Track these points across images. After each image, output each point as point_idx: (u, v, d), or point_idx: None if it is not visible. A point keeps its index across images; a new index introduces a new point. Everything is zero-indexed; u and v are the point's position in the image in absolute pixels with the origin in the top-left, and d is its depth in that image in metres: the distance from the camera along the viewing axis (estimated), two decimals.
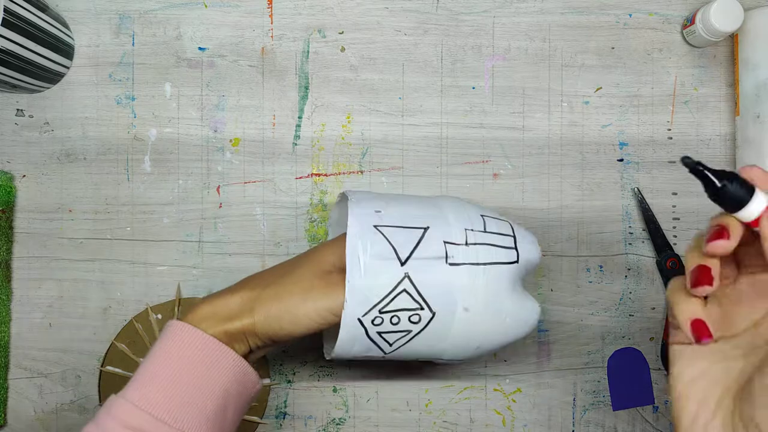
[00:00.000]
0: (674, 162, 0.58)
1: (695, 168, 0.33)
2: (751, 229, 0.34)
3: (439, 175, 0.58)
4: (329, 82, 0.58)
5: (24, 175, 0.57)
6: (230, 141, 0.58)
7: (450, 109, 0.58)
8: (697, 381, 0.36)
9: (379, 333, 0.43)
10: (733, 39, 0.58)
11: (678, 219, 0.58)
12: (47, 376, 0.57)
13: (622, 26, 0.58)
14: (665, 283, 0.58)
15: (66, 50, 0.56)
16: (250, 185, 0.58)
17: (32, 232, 0.57)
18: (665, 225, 0.58)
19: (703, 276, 0.34)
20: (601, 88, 0.58)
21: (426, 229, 0.44)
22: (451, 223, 0.45)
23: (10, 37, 0.48)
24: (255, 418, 0.56)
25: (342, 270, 0.43)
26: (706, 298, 0.36)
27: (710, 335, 0.34)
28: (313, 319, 0.42)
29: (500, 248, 0.45)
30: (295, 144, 0.58)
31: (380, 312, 0.42)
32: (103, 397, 0.56)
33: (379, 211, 0.45)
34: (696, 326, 0.34)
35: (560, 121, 0.58)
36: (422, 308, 0.42)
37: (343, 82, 0.58)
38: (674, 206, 0.58)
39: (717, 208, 0.34)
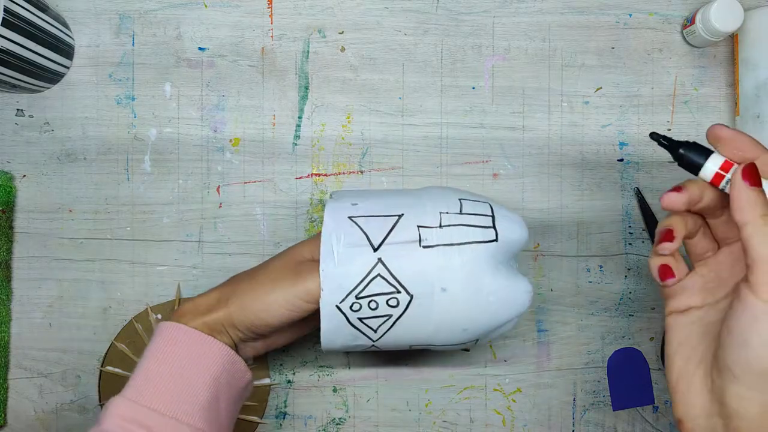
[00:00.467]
0: (674, 162, 0.58)
1: (660, 141, 0.41)
2: (720, 197, 0.39)
3: (439, 175, 0.58)
4: (329, 82, 0.58)
5: (24, 175, 0.57)
6: (230, 141, 0.58)
7: (450, 109, 0.58)
8: (684, 343, 0.40)
9: (361, 319, 0.43)
10: (733, 39, 0.58)
11: None
12: (47, 376, 0.57)
13: (622, 26, 0.58)
14: None
15: (66, 50, 0.56)
16: (250, 185, 0.58)
17: (32, 232, 0.57)
18: None
19: (665, 237, 0.40)
20: (601, 88, 0.58)
21: (400, 216, 0.45)
22: (426, 209, 0.45)
23: (10, 37, 0.48)
24: (255, 418, 0.56)
25: (315, 261, 0.45)
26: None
27: (673, 275, 0.40)
28: (284, 306, 0.44)
29: (476, 228, 0.45)
30: (295, 144, 0.58)
31: (357, 298, 0.43)
32: (103, 397, 0.56)
33: (356, 204, 0.46)
34: (661, 269, 0.41)
35: (560, 121, 0.58)
36: (399, 291, 0.43)
37: (343, 82, 0.58)
38: None
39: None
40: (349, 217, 0.45)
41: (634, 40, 0.58)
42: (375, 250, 0.43)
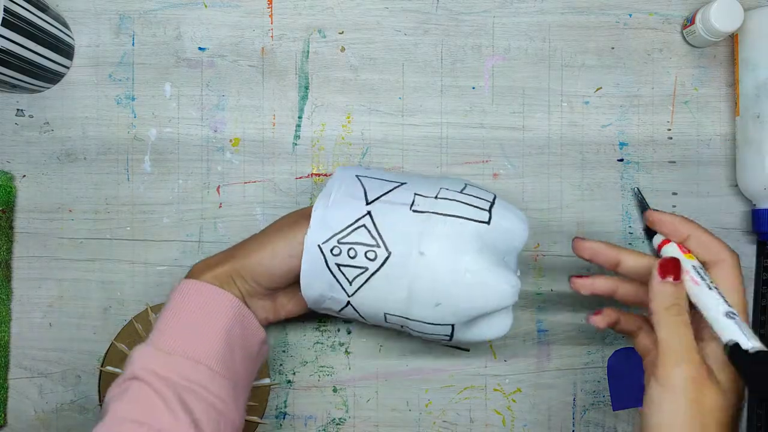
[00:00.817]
0: (674, 162, 0.58)
1: (638, 200, 0.51)
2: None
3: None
4: (329, 82, 0.58)
5: (24, 175, 0.57)
6: (230, 141, 0.58)
7: (450, 109, 0.58)
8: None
9: (338, 265, 0.45)
10: (733, 39, 0.58)
11: None
12: (47, 376, 0.57)
13: (622, 26, 0.58)
14: None
15: (66, 50, 0.56)
16: (250, 185, 0.58)
17: (32, 232, 0.57)
18: None
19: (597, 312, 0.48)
20: (601, 88, 0.58)
21: (402, 183, 0.47)
22: (430, 184, 0.47)
23: (10, 37, 0.48)
24: (255, 418, 0.56)
25: None
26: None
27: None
28: (285, 251, 0.46)
29: (470, 206, 0.45)
30: (295, 144, 0.58)
31: (339, 242, 0.44)
32: (102, 397, 0.56)
33: (368, 168, 0.49)
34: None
35: (560, 121, 0.58)
36: (378, 246, 0.44)
37: (343, 82, 0.58)
38: (674, 206, 0.58)
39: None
40: (357, 176, 0.48)
41: (634, 40, 0.58)
42: (367, 203, 0.45)
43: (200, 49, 0.58)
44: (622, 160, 0.58)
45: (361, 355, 0.57)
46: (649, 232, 0.46)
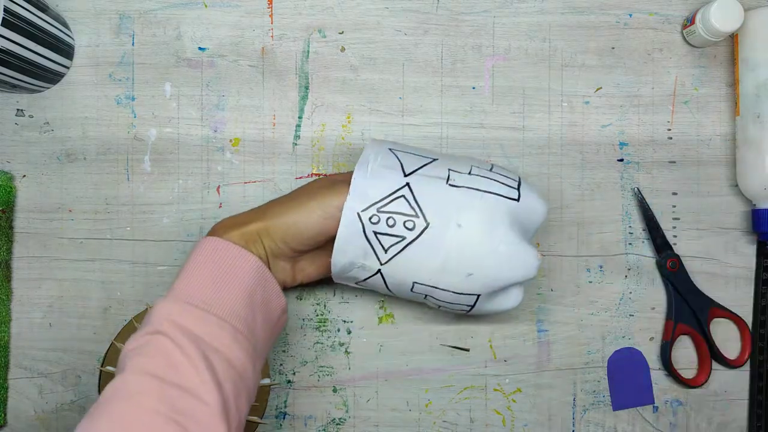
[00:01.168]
0: (674, 162, 0.58)
1: None
2: None
3: None
4: (329, 82, 0.58)
5: (24, 175, 0.57)
6: (230, 141, 0.58)
7: (450, 109, 0.58)
8: None
9: (376, 233, 0.46)
10: (733, 39, 0.58)
11: (678, 219, 0.58)
12: (47, 376, 0.57)
13: (622, 26, 0.58)
14: (665, 284, 0.58)
15: (66, 50, 0.56)
16: (250, 185, 0.58)
17: (32, 232, 0.57)
18: (665, 225, 0.58)
19: None
20: (601, 88, 0.58)
21: (435, 159, 0.49)
22: (459, 162, 0.49)
23: (10, 37, 0.48)
24: (255, 418, 0.56)
25: (349, 183, 0.47)
26: None
27: None
28: (318, 213, 0.46)
29: (502, 184, 0.48)
30: (295, 144, 0.58)
31: (378, 210, 0.46)
32: None
33: (397, 143, 0.50)
34: None
35: (560, 121, 0.58)
36: (417, 216, 0.46)
37: (343, 82, 0.58)
38: (674, 206, 0.58)
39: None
40: (390, 149, 0.49)
41: (634, 40, 0.58)
42: (405, 175, 0.47)
43: (200, 49, 0.58)
44: (622, 160, 0.58)
45: (361, 355, 0.57)
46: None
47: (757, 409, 0.58)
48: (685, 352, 0.58)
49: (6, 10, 0.47)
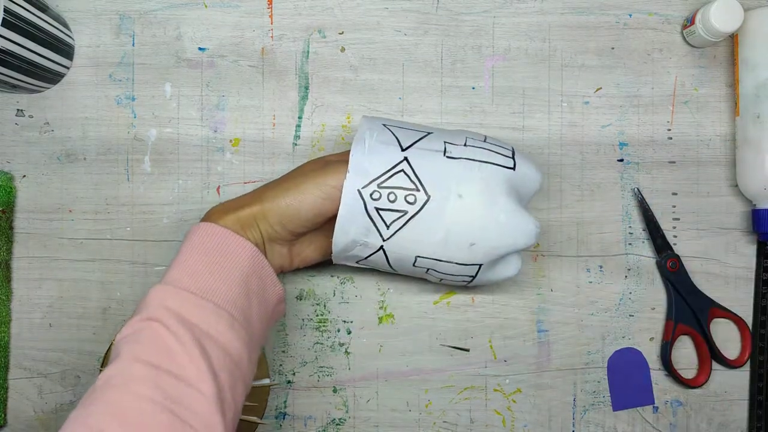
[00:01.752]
0: (674, 162, 0.58)
1: None
2: None
3: None
4: (329, 82, 0.58)
5: (24, 175, 0.57)
6: (230, 141, 0.58)
7: (450, 109, 0.58)
8: None
9: (378, 209, 0.46)
10: (733, 39, 0.58)
11: (678, 219, 0.58)
12: (47, 376, 0.57)
13: (622, 26, 0.58)
14: (665, 284, 0.58)
15: (66, 50, 0.56)
16: (250, 185, 0.58)
17: (32, 232, 0.57)
18: (665, 225, 0.58)
19: None
20: (601, 88, 0.58)
21: (429, 132, 0.49)
22: (454, 134, 0.49)
23: (10, 37, 0.48)
24: (255, 418, 0.56)
25: (345, 161, 0.47)
26: None
27: None
28: (315, 192, 0.46)
29: (498, 154, 0.48)
30: (295, 144, 0.58)
31: (379, 186, 0.46)
32: None
33: (389, 120, 0.50)
34: None
35: (560, 121, 0.58)
36: (418, 189, 0.46)
37: (343, 83, 0.58)
38: (674, 206, 0.58)
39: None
40: (384, 125, 0.49)
41: (634, 40, 0.58)
42: (403, 150, 0.47)
43: (200, 49, 0.58)
44: (622, 160, 0.58)
45: (361, 356, 0.57)
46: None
47: (757, 409, 0.57)
48: (685, 353, 0.58)
49: (6, 10, 0.47)
